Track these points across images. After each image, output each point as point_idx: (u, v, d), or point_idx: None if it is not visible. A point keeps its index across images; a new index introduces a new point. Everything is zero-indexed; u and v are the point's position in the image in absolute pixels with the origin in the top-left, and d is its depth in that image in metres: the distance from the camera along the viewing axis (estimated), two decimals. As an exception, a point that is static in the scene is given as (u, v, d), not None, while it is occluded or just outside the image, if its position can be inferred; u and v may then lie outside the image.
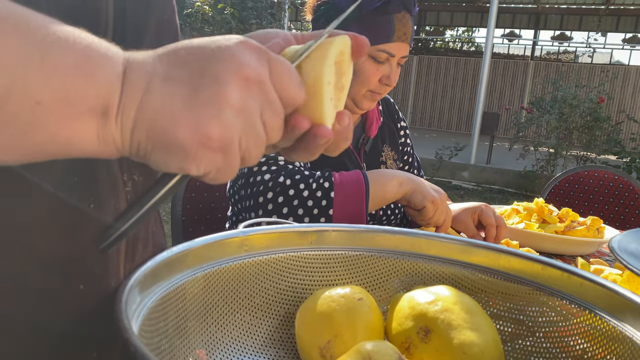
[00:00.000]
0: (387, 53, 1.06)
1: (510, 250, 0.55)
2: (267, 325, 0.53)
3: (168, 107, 0.31)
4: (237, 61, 0.33)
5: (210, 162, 0.33)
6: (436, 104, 12.88)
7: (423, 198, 1.01)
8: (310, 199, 0.96)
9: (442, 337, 0.45)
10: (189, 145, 0.32)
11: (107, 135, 0.32)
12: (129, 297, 0.35)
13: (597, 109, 6.06)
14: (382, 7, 1.03)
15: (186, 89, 0.32)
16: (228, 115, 0.32)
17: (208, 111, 0.32)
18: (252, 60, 0.33)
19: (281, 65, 0.35)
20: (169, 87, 0.32)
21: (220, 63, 0.32)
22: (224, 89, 0.32)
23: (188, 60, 0.33)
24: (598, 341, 0.46)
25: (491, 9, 6.81)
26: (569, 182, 2.10)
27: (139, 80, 0.32)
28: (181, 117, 0.31)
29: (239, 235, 0.51)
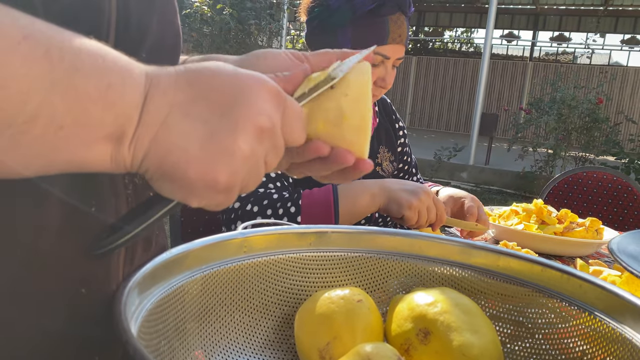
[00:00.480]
0: (382, 56, 1.05)
1: (510, 251, 0.55)
2: (266, 326, 0.53)
3: (183, 146, 0.32)
4: (256, 110, 0.34)
5: (212, 200, 0.35)
6: (435, 105, 12.88)
7: (399, 207, 0.97)
8: (283, 216, 0.95)
9: (442, 339, 0.45)
10: (196, 186, 0.33)
11: (119, 159, 0.33)
12: (128, 299, 0.35)
13: (595, 110, 6.07)
14: (376, 9, 1.02)
15: (203, 130, 0.33)
16: (238, 163, 0.34)
17: (221, 157, 0.33)
18: (269, 108, 0.35)
19: (293, 112, 0.37)
20: (187, 124, 0.33)
21: (240, 109, 0.33)
22: (239, 138, 0.33)
23: (209, 97, 0.33)
24: (597, 343, 0.46)
25: (490, 9, 6.82)
26: (568, 183, 2.10)
27: (158, 112, 0.32)
28: (194, 158, 0.32)
29: (238, 237, 0.51)
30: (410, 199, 0.97)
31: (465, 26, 14.56)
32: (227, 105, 0.33)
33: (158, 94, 0.33)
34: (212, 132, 0.33)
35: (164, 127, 0.32)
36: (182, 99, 0.33)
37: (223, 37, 6.10)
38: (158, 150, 0.33)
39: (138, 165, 0.33)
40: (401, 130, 1.32)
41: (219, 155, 0.33)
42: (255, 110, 0.34)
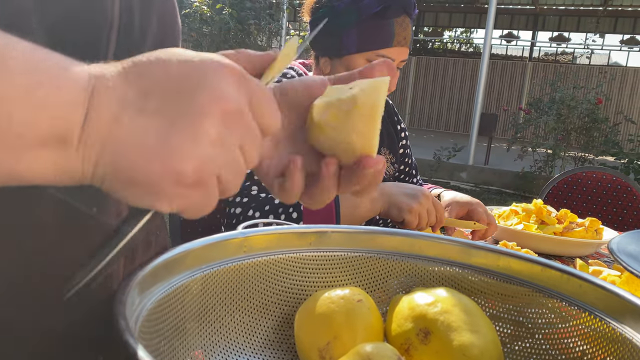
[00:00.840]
0: (387, 58, 1.05)
1: (510, 251, 0.55)
2: (266, 326, 0.53)
3: (140, 142, 0.29)
4: (218, 93, 0.31)
5: (183, 199, 0.31)
6: (434, 105, 12.88)
7: (399, 211, 0.98)
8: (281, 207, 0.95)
9: (442, 339, 0.45)
10: (159, 182, 0.29)
11: (66, 165, 0.29)
12: (128, 299, 0.35)
13: (595, 110, 6.07)
14: (382, 11, 1.02)
15: (161, 122, 0.29)
16: (205, 151, 0.30)
17: (183, 147, 0.29)
18: (232, 90, 0.31)
19: (261, 93, 0.34)
20: (143, 120, 0.29)
21: (199, 94, 0.30)
22: (201, 124, 0.30)
23: (164, 87, 0.30)
24: (597, 343, 0.46)
25: (489, 10, 6.82)
26: (567, 183, 2.10)
27: (107, 109, 0.29)
28: (153, 153, 0.29)
29: (238, 237, 0.51)
30: (411, 202, 0.97)
31: (465, 26, 14.56)
32: (186, 91, 0.30)
33: (105, 90, 0.29)
34: (172, 122, 0.29)
35: (117, 126, 0.29)
36: (134, 93, 0.29)
37: (222, 37, 6.09)
38: (113, 151, 0.29)
39: (91, 172, 0.29)
40: (402, 132, 1.32)
41: (182, 143, 0.29)
42: (218, 93, 0.30)
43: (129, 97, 0.29)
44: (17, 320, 0.39)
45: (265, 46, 6.84)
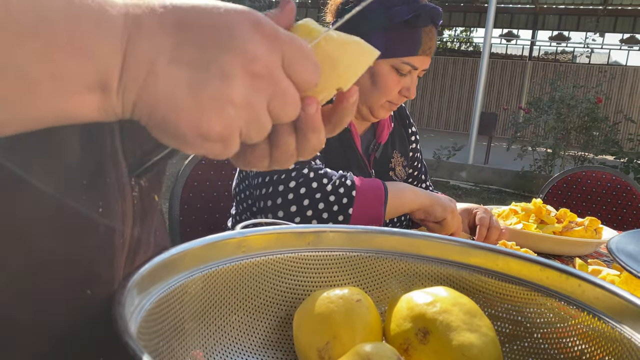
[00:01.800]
0: (411, 66, 1.06)
1: (508, 251, 0.55)
2: (265, 326, 0.53)
3: (171, 95, 0.30)
4: (248, 55, 0.31)
5: (207, 150, 0.33)
6: (434, 104, 12.89)
7: (443, 210, 1.02)
8: (332, 194, 0.95)
9: (441, 339, 0.45)
10: (188, 137, 0.32)
11: (107, 108, 0.31)
12: (127, 300, 0.35)
13: (594, 109, 6.08)
14: (412, 19, 1.02)
15: (192, 77, 0.31)
16: (230, 112, 0.31)
17: (211, 107, 0.31)
18: (263, 51, 0.32)
19: (298, 50, 0.34)
20: (175, 71, 0.30)
21: (230, 54, 0.31)
22: (229, 85, 0.31)
23: (198, 41, 0.31)
24: (596, 342, 0.46)
25: (489, 9, 6.81)
26: (567, 183, 2.10)
27: (143, 57, 0.30)
28: (183, 109, 0.31)
29: (237, 236, 0.51)
30: (451, 204, 1.04)
31: (465, 25, 14.55)
32: (217, 49, 0.31)
33: (142, 37, 0.30)
34: (202, 80, 0.31)
35: (152, 74, 0.30)
36: (169, 42, 0.30)
37: (222, 36, 6.08)
38: (147, 99, 0.31)
39: (130, 114, 0.32)
40: (413, 136, 1.33)
41: (210, 104, 0.31)
42: (247, 55, 0.31)
43: (164, 46, 0.30)
44: (17, 321, 0.39)
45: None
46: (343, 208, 0.95)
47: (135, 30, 0.30)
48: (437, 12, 1.05)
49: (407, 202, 1.02)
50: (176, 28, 0.31)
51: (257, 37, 0.32)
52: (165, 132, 0.32)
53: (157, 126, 0.32)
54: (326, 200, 0.94)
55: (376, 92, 1.08)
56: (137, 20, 0.30)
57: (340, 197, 0.95)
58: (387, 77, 1.06)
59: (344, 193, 0.95)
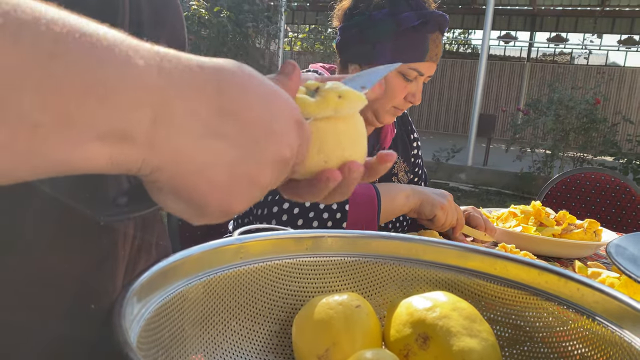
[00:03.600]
0: (418, 72, 1.06)
1: (507, 255, 0.55)
2: (264, 332, 0.53)
3: (209, 169, 0.29)
4: (286, 141, 0.32)
5: (213, 220, 0.32)
6: (433, 106, 12.89)
7: (432, 207, 1.03)
8: (325, 211, 0.96)
9: (441, 344, 0.45)
10: (211, 212, 0.31)
11: (121, 161, 0.27)
12: (126, 310, 0.35)
13: (593, 110, 6.08)
14: (420, 26, 1.03)
15: (233, 155, 0.29)
16: (257, 194, 0.32)
17: (244, 187, 0.31)
18: (294, 139, 0.33)
19: (308, 139, 0.35)
20: (217, 144, 0.29)
21: (273, 139, 0.31)
22: (266, 170, 0.31)
23: (241, 115, 0.30)
24: (596, 346, 0.46)
25: (487, 11, 6.82)
26: (566, 184, 2.10)
27: (178, 120, 0.27)
28: (218, 186, 0.30)
29: (235, 243, 0.51)
30: (441, 200, 1.05)
31: (463, 27, 14.57)
32: (260, 130, 0.30)
33: (178, 97, 0.27)
34: (242, 159, 0.30)
35: (186, 142, 0.28)
36: (209, 111, 0.28)
37: (221, 39, 6.10)
38: (178, 168, 0.28)
39: (149, 173, 0.28)
40: (415, 142, 1.33)
41: (243, 185, 0.30)
42: (286, 141, 0.32)
43: (203, 114, 0.28)
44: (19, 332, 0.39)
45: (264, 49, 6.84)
46: (337, 223, 0.96)
47: (170, 89, 0.27)
48: (444, 19, 1.06)
49: (399, 206, 1.04)
50: (218, 96, 0.29)
51: (292, 124, 0.32)
52: (181, 200, 0.30)
53: (177, 194, 0.30)
54: (319, 218, 0.96)
55: (382, 98, 1.08)
56: (171, 77, 0.27)
57: (334, 213, 0.96)
58: (394, 83, 1.06)
59: (337, 209, 0.97)
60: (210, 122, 0.29)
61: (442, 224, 1.04)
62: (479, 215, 1.13)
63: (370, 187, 1.01)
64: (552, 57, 13.64)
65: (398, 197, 1.03)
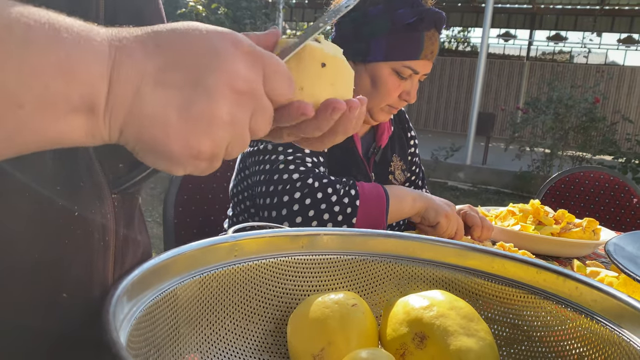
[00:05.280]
0: (412, 70, 1.06)
1: (505, 253, 0.55)
2: (259, 331, 0.52)
3: (160, 117, 0.31)
4: (231, 73, 0.32)
5: (196, 168, 0.34)
6: (432, 105, 12.89)
7: (436, 214, 1.03)
8: (337, 204, 0.95)
9: (438, 344, 0.44)
10: (179, 157, 0.32)
11: (94, 131, 0.31)
12: (116, 308, 0.35)
13: (592, 109, 6.08)
14: (415, 23, 1.02)
15: (179, 99, 0.31)
16: (219, 131, 0.33)
17: (200, 127, 0.32)
18: (245, 69, 0.33)
19: (275, 67, 0.35)
20: (161, 93, 0.31)
21: (214, 74, 0.32)
22: (216, 105, 0.32)
23: (181, 63, 0.32)
24: (595, 345, 0.46)
25: (487, 9, 6.82)
26: (565, 183, 2.10)
27: (128, 81, 0.31)
28: (173, 130, 0.31)
29: (229, 241, 0.50)
30: (446, 208, 1.05)
31: (462, 25, 14.57)
32: (201, 70, 0.32)
33: (126, 61, 0.31)
34: (189, 101, 0.31)
35: (138, 98, 0.31)
36: (153, 66, 0.31)
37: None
38: (135, 122, 0.31)
39: (117, 137, 0.32)
40: (412, 140, 1.33)
41: (199, 124, 0.32)
42: (231, 74, 0.32)
43: (148, 70, 0.31)
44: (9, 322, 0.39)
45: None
46: (347, 218, 0.96)
47: (119, 56, 0.31)
48: (441, 16, 1.05)
49: (406, 209, 1.04)
50: (159, 52, 0.32)
51: (238, 55, 0.33)
52: (154, 153, 0.32)
53: (145, 149, 0.32)
54: (331, 211, 0.95)
55: (376, 96, 1.08)
56: (121, 46, 0.31)
57: (345, 207, 0.96)
58: (388, 81, 1.06)
59: (348, 203, 0.96)
60: (156, 76, 0.31)
61: (443, 232, 1.04)
62: (475, 213, 1.12)
63: (379, 186, 1.01)
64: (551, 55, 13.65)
65: (405, 199, 1.03)
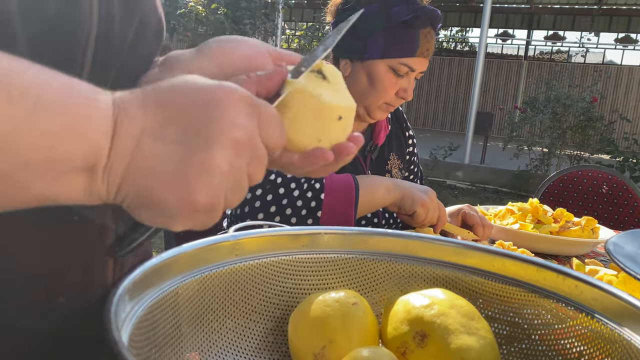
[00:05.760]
0: (409, 67, 1.06)
1: (505, 252, 0.55)
2: (260, 330, 0.52)
3: (159, 170, 0.31)
4: (230, 123, 0.33)
5: (194, 221, 0.34)
6: (430, 104, 12.90)
7: (412, 202, 1.01)
8: (299, 199, 0.95)
9: (439, 342, 0.44)
10: (177, 210, 0.32)
11: (92, 190, 0.32)
12: (118, 308, 0.35)
13: (590, 108, 6.09)
14: (411, 21, 1.03)
15: (177, 152, 0.32)
16: (217, 181, 0.32)
17: (199, 178, 0.32)
18: (243, 119, 0.34)
19: (269, 116, 0.36)
20: (161, 148, 0.32)
21: (214, 125, 0.32)
22: (215, 155, 0.32)
23: (180, 117, 0.32)
24: (595, 344, 0.46)
25: (485, 9, 6.82)
26: (563, 182, 2.10)
27: (129, 138, 0.31)
28: (171, 182, 0.31)
29: (230, 240, 0.50)
30: (423, 196, 1.02)
31: (460, 25, 14.57)
32: (200, 123, 0.32)
33: (127, 120, 0.31)
34: (187, 153, 0.32)
35: (137, 153, 0.31)
36: (152, 122, 0.32)
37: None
38: (132, 177, 0.32)
39: (114, 195, 0.32)
40: (410, 139, 1.33)
41: (196, 175, 0.32)
42: (229, 124, 0.33)
43: (148, 125, 0.32)
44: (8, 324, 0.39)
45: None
46: (311, 211, 0.95)
47: (122, 115, 0.31)
48: (436, 14, 1.05)
49: (379, 199, 1.02)
50: (158, 109, 0.32)
51: (236, 105, 0.34)
52: (150, 208, 0.32)
53: (142, 203, 0.32)
54: (293, 206, 0.95)
55: (373, 93, 1.08)
56: (123, 106, 0.32)
57: (308, 201, 0.95)
58: (385, 78, 1.06)
59: (311, 197, 0.96)
60: (155, 132, 0.32)
61: (421, 221, 1.02)
62: (474, 212, 1.12)
63: (349, 177, 1.00)
64: (549, 55, 13.66)
65: (378, 189, 1.02)
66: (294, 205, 0.94)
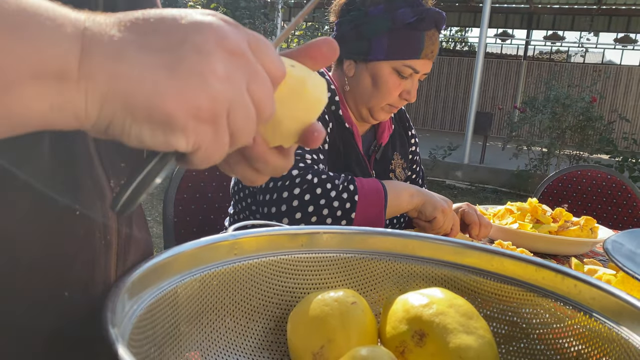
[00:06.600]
0: (413, 69, 1.06)
1: (503, 251, 0.55)
2: (258, 330, 0.53)
3: (150, 77, 0.28)
4: (219, 33, 0.30)
5: (200, 134, 0.30)
6: (429, 104, 12.91)
7: (434, 209, 1.03)
8: (336, 199, 0.95)
9: (438, 341, 0.45)
10: (178, 117, 0.29)
11: (64, 103, 0.27)
12: (117, 306, 0.35)
13: (589, 108, 6.09)
14: (415, 23, 1.03)
15: (167, 58, 0.29)
16: (215, 86, 0.29)
17: (194, 81, 0.29)
18: (232, 33, 0.31)
19: (260, 41, 0.33)
20: (147, 55, 0.28)
21: (201, 33, 0.30)
22: (208, 59, 0.29)
23: (163, 28, 0.29)
24: (593, 343, 0.46)
25: (484, 8, 6.83)
26: (562, 182, 2.11)
27: (108, 45, 0.28)
28: (167, 88, 0.28)
29: (229, 239, 0.51)
30: (443, 204, 1.04)
31: (460, 25, 14.57)
32: (186, 31, 0.29)
33: (100, 26, 0.28)
34: (177, 58, 0.29)
35: (121, 62, 0.28)
36: (131, 34, 0.29)
37: (217, 36, 6.07)
38: (120, 89, 0.28)
39: (96, 113, 0.28)
40: (413, 139, 1.33)
41: (190, 78, 0.29)
42: (218, 33, 0.30)
43: (127, 37, 0.28)
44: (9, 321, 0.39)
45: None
46: (346, 213, 0.96)
47: (93, 23, 0.28)
48: (441, 16, 1.06)
49: (404, 204, 1.04)
50: (136, 22, 0.29)
51: (222, 22, 0.31)
52: (148, 122, 0.29)
53: (138, 119, 0.29)
54: (330, 207, 0.95)
55: (377, 94, 1.08)
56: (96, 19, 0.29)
57: (344, 203, 0.96)
58: (388, 80, 1.06)
59: (347, 198, 0.96)
60: (135, 40, 0.28)
61: (439, 227, 1.04)
62: (473, 211, 1.13)
63: (377, 181, 1.01)
64: (548, 55, 13.67)
65: (402, 194, 1.03)
66: (330, 205, 0.95)
